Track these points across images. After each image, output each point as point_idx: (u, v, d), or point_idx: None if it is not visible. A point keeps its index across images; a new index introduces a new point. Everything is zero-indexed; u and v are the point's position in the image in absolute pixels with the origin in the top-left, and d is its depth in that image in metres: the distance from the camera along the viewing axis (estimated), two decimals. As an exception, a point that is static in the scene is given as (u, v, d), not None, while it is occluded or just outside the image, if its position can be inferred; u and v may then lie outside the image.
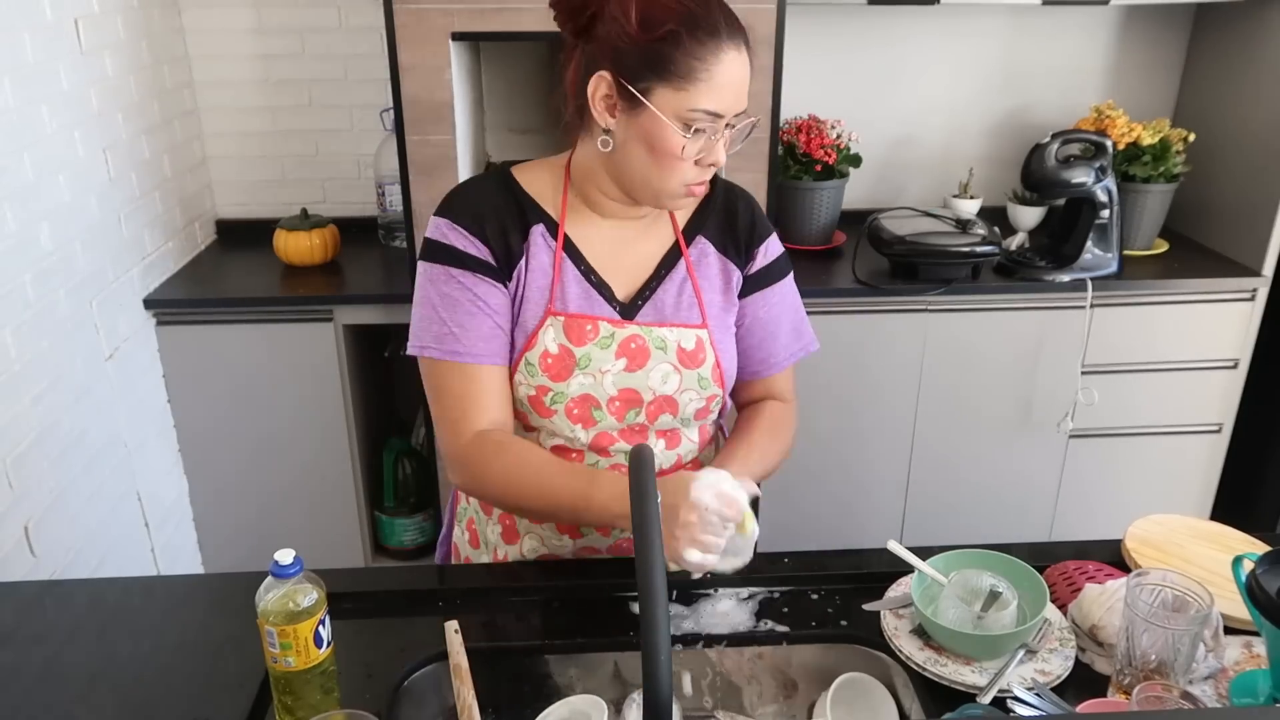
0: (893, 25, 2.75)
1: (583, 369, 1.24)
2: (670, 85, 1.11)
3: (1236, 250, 2.58)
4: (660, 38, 1.10)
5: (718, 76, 1.11)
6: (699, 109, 1.11)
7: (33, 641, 1.20)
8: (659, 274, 1.29)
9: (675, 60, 1.10)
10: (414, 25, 2.04)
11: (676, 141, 1.13)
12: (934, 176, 2.92)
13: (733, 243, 1.32)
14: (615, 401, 1.26)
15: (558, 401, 1.25)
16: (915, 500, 2.67)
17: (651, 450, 0.94)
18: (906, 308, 2.45)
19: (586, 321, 1.25)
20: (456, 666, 1.12)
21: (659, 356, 1.27)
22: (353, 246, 2.68)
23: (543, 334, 1.24)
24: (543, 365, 1.24)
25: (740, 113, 1.15)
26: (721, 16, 1.11)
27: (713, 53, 1.10)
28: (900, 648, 1.16)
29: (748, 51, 1.14)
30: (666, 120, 1.12)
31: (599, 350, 1.25)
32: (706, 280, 1.30)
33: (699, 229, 1.31)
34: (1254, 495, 2.77)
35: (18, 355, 1.90)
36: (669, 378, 1.27)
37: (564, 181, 1.27)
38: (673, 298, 1.28)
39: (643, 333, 1.26)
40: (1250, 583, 1.03)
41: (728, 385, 1.33)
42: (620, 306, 1.27)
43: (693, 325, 1.28)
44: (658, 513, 0.88)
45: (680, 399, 1.28)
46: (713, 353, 1.29)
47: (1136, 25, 2.79)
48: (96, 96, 2.19)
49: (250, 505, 2.59)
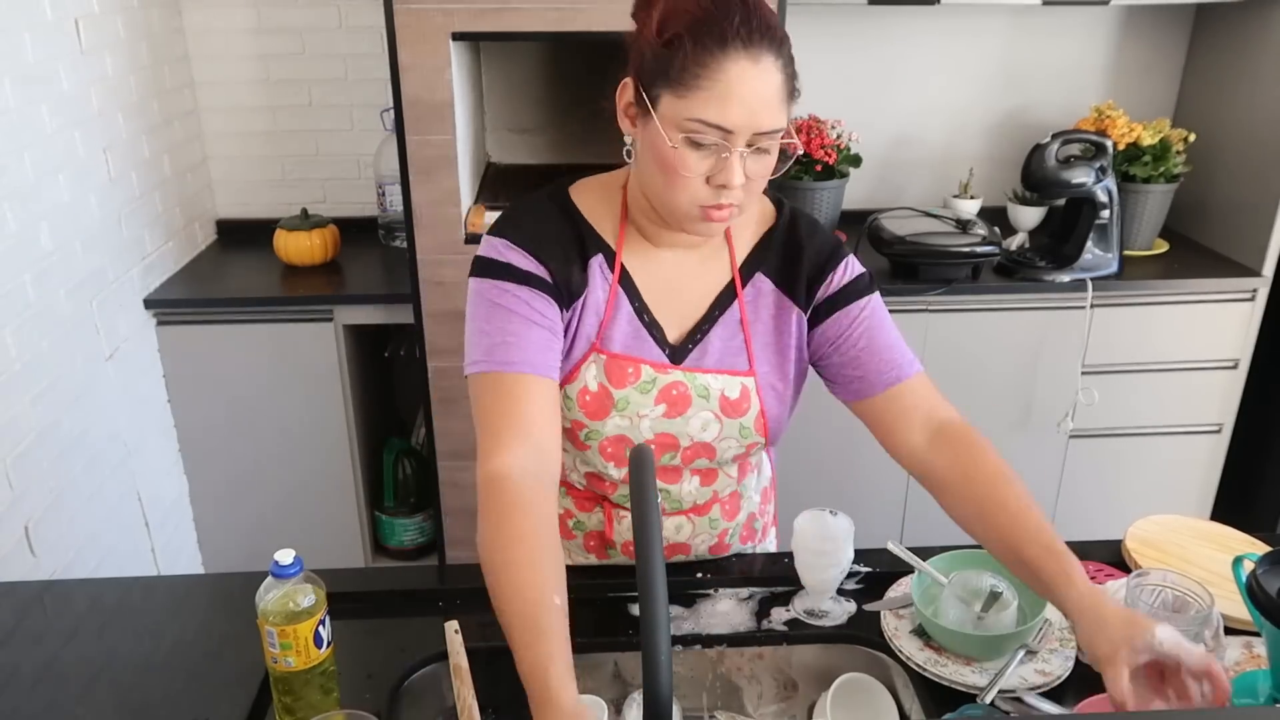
0: (893, 25, 2.75)
1: (620, 411, 1.20)
2: (674, 92, 1.04)
3: (1236, 250, 2.58)
4: (668, 42, 1.04)
5: (720, 86, 1.01)
6: (697, 119, 1.03)
7: (33, 641, 1.20)
8: (711, 315, 1.22)
9: (679, 66, 1.03)
10: (414, 25, 2.04)
11: (676, 154, 1.05)
12: (934, 176, 2.92)
13: (795, 280, 1.22)
14: (651, 445, 1.21)
15: (592, 439, 1.22)
16: (915, 500, 2.67)
17: (651, 450, 0.93)
18: (906, 308, 2.45)
19: (629, 364, 1.19)
20: (457, 667, 1.12)
21: (700, 404, 1.21)
22: (353, 246, 2.68)
23: (585, 369, 1.19)
24: (580, 401, 1.20)
25: (767, 132, 1.04)
26: (740, 24, 1.01)
27: (718, 60, 1.01)
28: (900, 648, 1.16)
29: (779, 64, 1.03)
30: (665, 129, 1.05)
31: (638, 394, 1.20)
32: (760, 323, 1.23)
33: (758, 265, 1.22)
34: (1254, 495, 2.77)
35: (18, 355, 1.90)
36: (709, 425, 1.22)
37: (621, 206, 1.20)
38: (723, 342, 1.22)
39: (686, 379, 1.20)
40: (1250, 583, 1.03)
41: (773, 434, 1.25)
42: (670, 350, 1.21)
43: (739, 373, 1.22)
44: (658, 512, 0.88)
45: (719, 446, 1.24)
46: (758, 401, 1.22)
47: (1136, 25, 2.79)
48: (96, 96, 2.19)
49: (250, 505, 2.59)
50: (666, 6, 1.06)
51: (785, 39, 1.05)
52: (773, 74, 1.03)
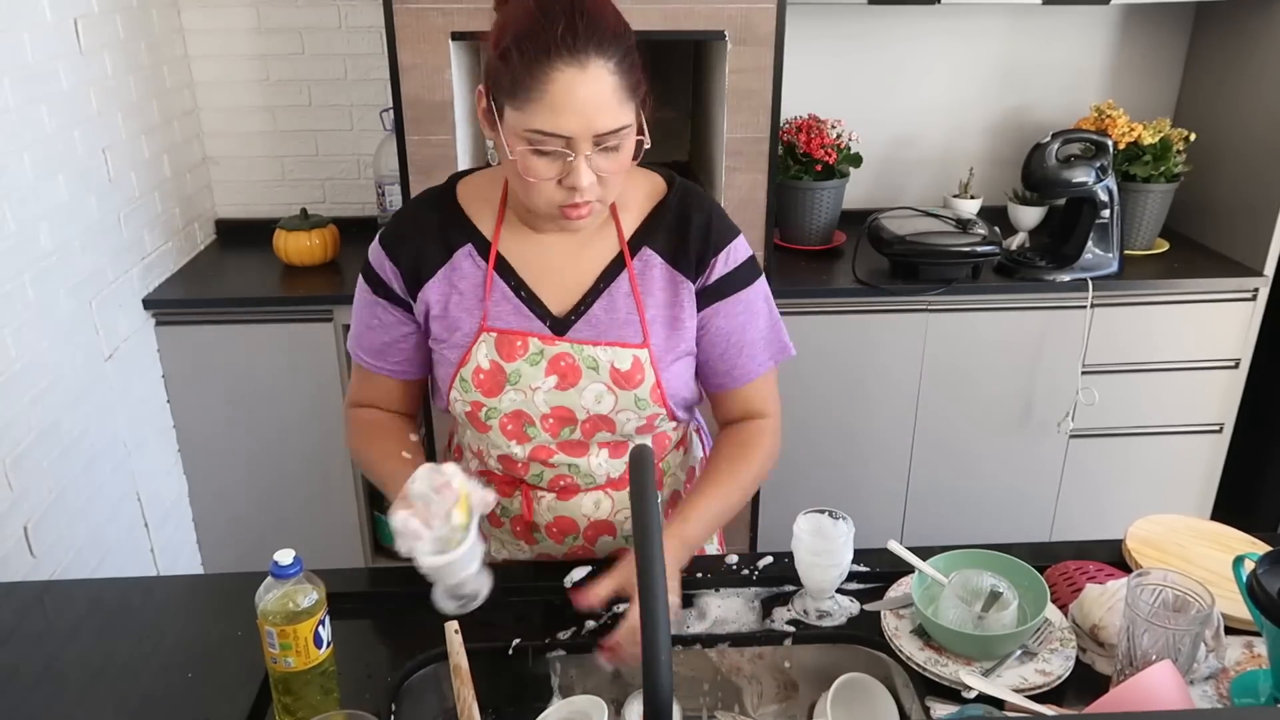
0: (893, 25, 2.75)
1: (513, 385, 1.23)
2: (511, 104, 1.06)
3: (1237, 250, 2.58)
4: (501, 54, 1.06)
5: (549, 96, 1.03)
6: (535, 129, 1.05)
7: (33, 641, 1.20)
8: (597, 288, 1.23)
9: (511, 78, 1.05)
10: (414, 25, 2.04)
11: (522, 162, 1.08)
12: (934, 176, 2.92)
13: (684, 254, 1.23)
14: (548, 419, 1.24)
15: (491, 417, 1.25)
16: (915, 500, 2.67)
17: (651, 450, 0.93)
18: (906, 308, 2.45)
19: (517, 338, 1.22)
20: (457, 667, 1.12)
21: (591, 376, 1.22)
22: (353, 246, 2.68)
23: (476, 350, 1.23)
24: (475, 380, 1.23)
25: (608, 132, 1.06)
26: (564, 31, 1.02)
27: (544, 71, 1.03)
28: (900, 648, 1.16)
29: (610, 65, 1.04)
30: (509, 139, 1.08)
31: (528, 367, 1.22)
32: (649, 295, 1.23)
33: (646, 239, 1.24)
34: (1254, 495, 2.77)
35: (18, 355, 1.90)
36: (603, 398, 1.23)
37: (502, 196, 1.24)
38: (609, 313, 1.23)
39: (573, 351, 1.22)
40: (1251, 583, 1.03)
41: (673, 405, 1.27)
42: (553, 321, 1.23)
43: (630, 344, 1.22)
44: (658, 513, 0.88)
45: (616, 418, 1.24)
46: (652, 372, 1.23)
47: (1136, 25, 2.79)
48: (96, 96, 2.19)
49: (250, 505, 2.59)
50: (501, 17, 1.09)
51: (619, 36, 1.06)
52: (603, 77, 1.04)
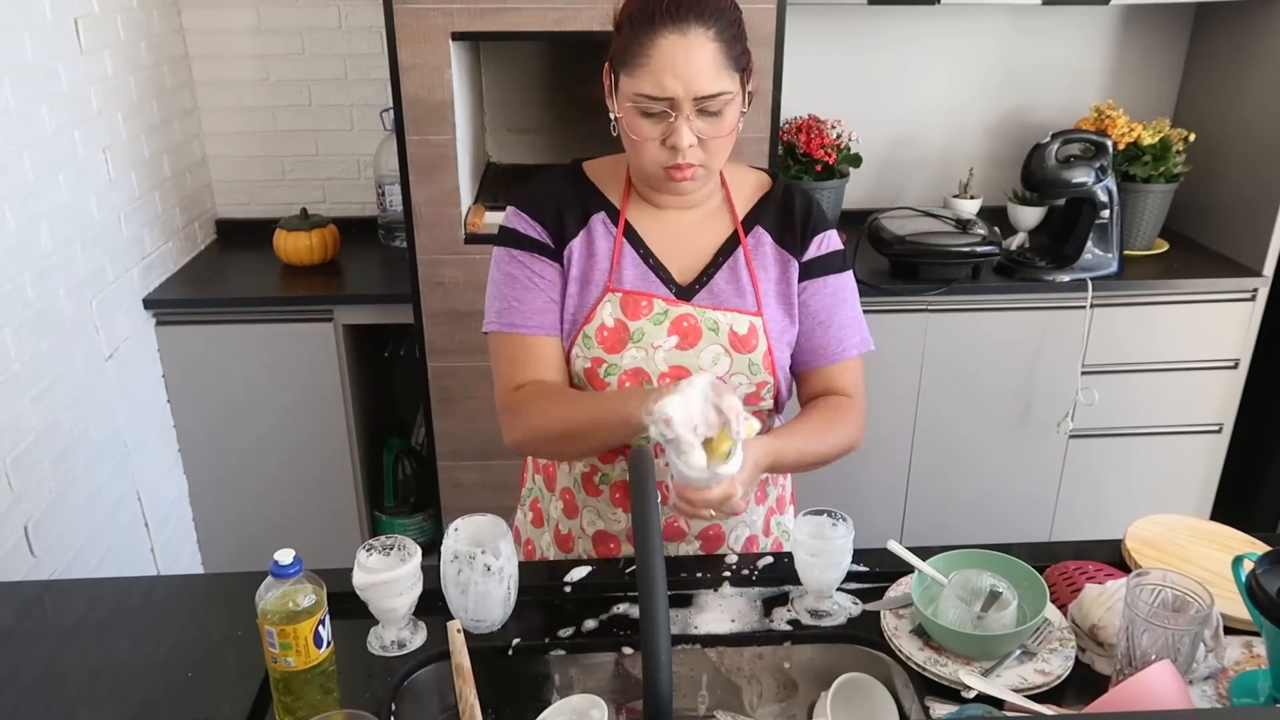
0: (893, 25, 2.75)
1: (635, 342, 1.29)
2: (624, 72, 1.19)
3: (1237, 250, 2.58)
4: (617, 29, 1.21)
5: (654, 60, 1.16)
6: (641, 93, 1.18)
7: (33, 641, 1.20)
8: (717, 261, 1.32)
9: (623, 48, 1.19)
10: (414, 25, 2.04)
11: (629, 122, 1.21)
12: (934, 176, 2.92)
13: (789, 233, 1.34)
14: (665, 378, 1.29)
15: (611, 373, 1.29)
16: (915, 500, 2.67)
17: (651, 451, 0.94)
18: (906, 308, 2.45)
19: (642, 298, 1.30)
20: (459, 666, 1.12)
21: (710, 338, 1.30)
22: (353, 246, 2.68)
23: (600, 309, 1.30)
24: (598, 338, 1.29)
25: (707, 95, 1.17)
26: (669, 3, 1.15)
27: (649, 37, 1.16)
28: (900, 648, 1.16)
29: (711, 32, 1.16)
30: (621, 104, 1.21)
31: (652, 325, 1.29)
32: (763, 270, 1.33)
33: (757, 220, 1.34)
34: (1254, 495, 2.77)
35: (18, 355, 1.90)
36: (719, 359, 1.30)
37: (626, 176, 1.34)
38: (729, 284, 1.32)
39: (696, 313, 1.30)
40: (1250, 583, 1.03)
41: (780, 374, 1.34)
42: (677, 289, 1.31)
43: (747, 312, 1.31)
44: (658, 512, 0.88)
45: (730, 381, 1.30)
46: (765, 339, 1.31)
47: (1136, 25, 2.79)
48: (96, 96, 2.19)
49: (250, 505, 2.59)
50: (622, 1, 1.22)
51: (722, 11, 1.18)
52: (703, 43, 1.16)
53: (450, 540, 1.18)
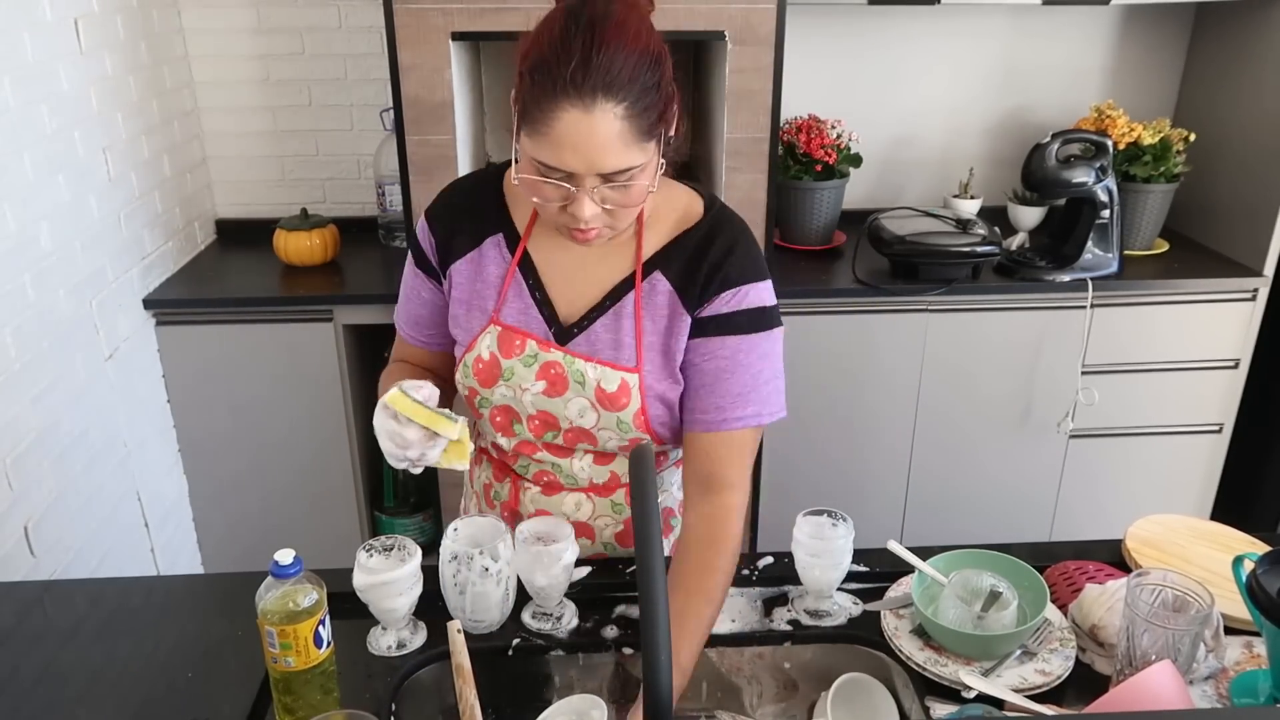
0: (893, 25, 2.75)
1: (505, 380, 1.25)
2: (524, 129, 1.06)
3: (1237, 250, 2.58)
4: (519, 75, 1.06)
5: (553, 133, 1.02)
6: (540, 160, 1.05)
7: (33, 641, 1.20)
8: (603, 304, 1.22)
9: (524, 104, 1.05)
10: (414, 25, 2.04)
11: (530, 184, 1.08)
12: (934, 176, 2.92)
13: (691, 283, 1.19)
14: (534, 419, 1.27)
15: (484, 406, 1.29)
16: (915, 500, 2.67)
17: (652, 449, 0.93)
18: (906, 308, 2.45)
19: (518, 336, 1.24)
20: (459, 666, 1.12)
21: (576, 389, 1.22)
22: (353, 246, 2.68)
23: (481, 339, 1.26)
24: (475, 368, 1.27)
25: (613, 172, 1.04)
26: (575, 70, 1.00)
27: (551, 106, 1.01)
28: (900, 648, 1.16)
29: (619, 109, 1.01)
30: (522, 161, 1.08)
31: (522, 367, 1.24)
32: (652, 320, 1.21)
33: (661, 263, 1.21)
34: (1254, 495, 2.77)
35: (18, 355, 1.90)
36: (585, 413, 1.23)
37: None
38: (609, 332, 1.21)
39: (564, 362, 1.22)
40: (1250, 583, 1.03)
41: (659, 430, 1.24)
42: (557, 329, 1.23)
43: (621, 367, 1.21)
44: (657, 511, 0.88)
45: (598, 435, 1.24)
46: (638, 399, 1.21)
47: (1136, 25, 2.79)
48: (96, 96, 2.19)
49: (250, 505, 2.59)
50: (532, 31, 1.07)
51: (634, 80, 1.02)
52: (609, 121, 1.01)
53: (449, 541, 1.18)
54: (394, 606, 1.14)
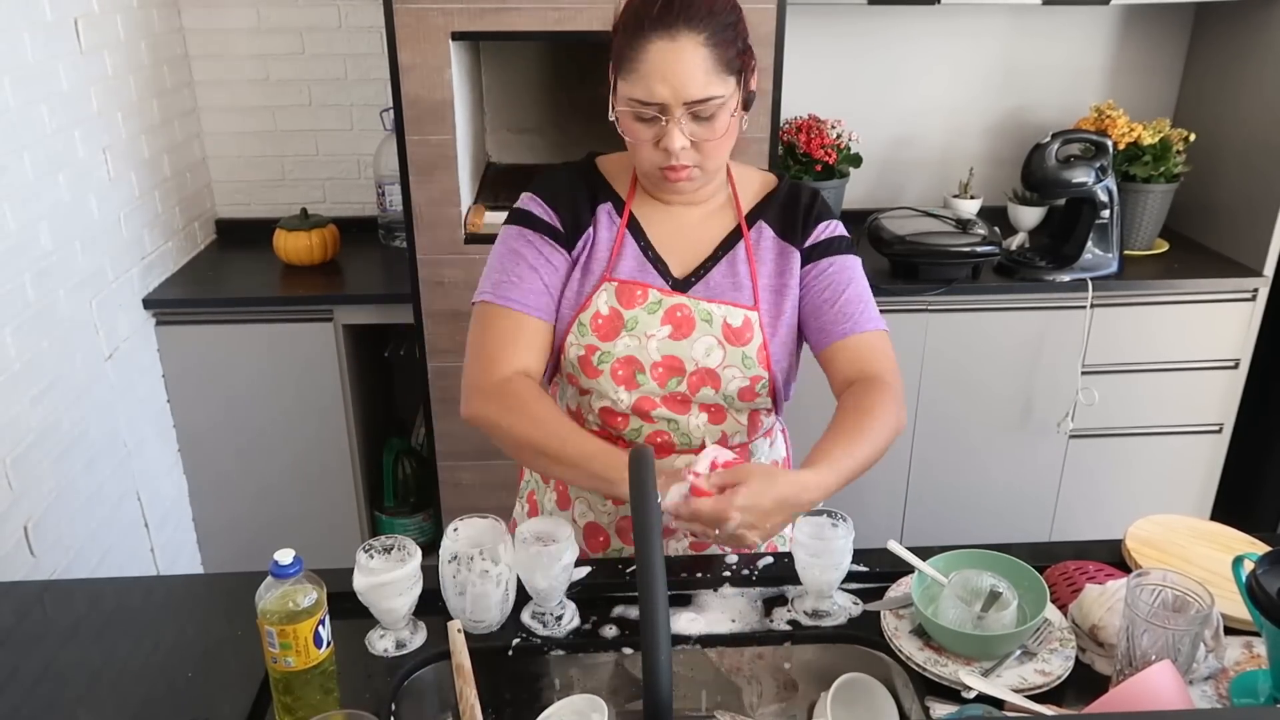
0: (893, 25, 2.75)
1: (629, 330, 1.30)
2: (620, 77, 1.21)
3: (1237, 250, 2.58)
4: (613, 34, 1.22)
5: (643, 66, 1.17)
6: (632, 98, 1.19)
7: (33, 641, 1.20)
8: (716, 255, 1.34)
9: (617, 54, 1.20)
10: (414, 25, 2.04)
11: (626, 125, 1.22)
12: (934, 176, 2.92)
13: (791, 223, 1.36)
14: (659, 367, 1.30)
15: (604, 361, 1.31)
16: (915, 500, 2.67)
17: (651, 450, 0.94)
18: (906, 308, 2.45)
19: (638, 288, 1.31)
20: (459, 666, 1.12)
21: (704, 329, 1.30)
22: (353, 246, 2.68)
23: (597, 297, 1.31)
24: (593, 325, 1.31)
25: (698, 100, 1.17)
26: (660, 10, 1.16)
27: (640, 43, 1.17)
28: (900, 648, 1.16)
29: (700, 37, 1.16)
30: (618, 111, 1.22)
31: (646, 315, 1.30)
32: (763, 264, 1.34)
33: (760, 214, 1.36)
34: (1254, 495, 2.77)
35: (18, 355, 1.90)
36: (712, 351, 1.30)
37: (634, 171, 1.34)
38: (727, 277, 1.33)
39: (690, 304, 1.31)
40: (1250, 583, 1.03)
41: (777, 369, 1.33)
42: (673, 281, 1.33)
43: (742, 305, 1.32)
44: (658, 512, 0.88)
45: (723, 374, 1.31)
46: (760, 334, 1.32)
47: (1136, 25, 2.79)
48: (96, 96, 2.19)
49: (250, 505, 2.59)
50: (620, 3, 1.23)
51: (714, 14, 1.17)
52: (693, 49, 1.16)
53: (449, 542, 1.18)
54: (394, 607, 1.14)
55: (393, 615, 1.16)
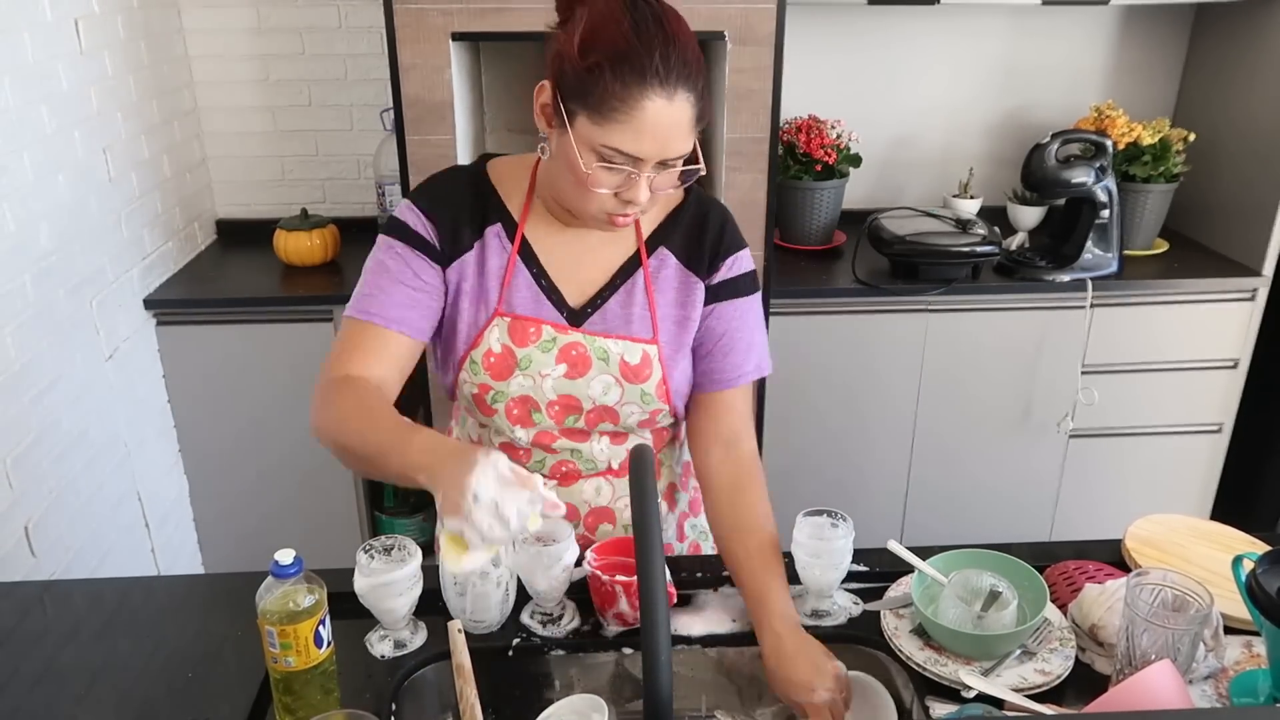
0: (893, 25, 2.75)
1: (523, 370, 1.25)
2: (590, 117, 1.08)
3: (1236, 250, 2.58)
4: (590, 67, 1.06)
5: (636, 121, 1.06)
6: (612, 147, 1.08)
7: (33, 641, 1.20)
8: (614, 283, 1.27)
9: (597, 94, 1.06)
10: (414, 25, 2.04)
11: (586, 173, 1.10)
12: (934, 176, 2.92)
13: (698, 255, 1.27)
14: (554, 405, 1.27)
15: (498, 400, 1.27)
16: (915, 500, 2.67)
17: (651, 450, 0.94)
18: (906, 308, 2.45)
19: (531, 324, 1.25)
20: (459, 666, 1.12)
21: (600, 367, 1.25)
22: (353, 246, 2.68)
23: (488, 333, 1.25)
24: (485, 364, 1.25)
25: (675, 158, 1.11)
26: (660, 61, 1.05)
27: (636, 96, 1.05)
28: (900, 648, 1.16)
29: (692, 98, 1.08)
30: (579, 148, 1.09)
31: (540, 353, 1.25)
32: (663, 294, 1.27)
33: (663, 239, 1.28)
34: (1254, 495, 2.77)
35: (18, 355, 1.90)
36: (610, 389, 1.26)
37: (530, 184, 1.26)
38: (623, 309, 1.26)
39: (585, 341, 1.25)
40: (1250, 582, 1.03)
41: (676, 402, 1.30)
42: (569, 313, 1.26)
43: (640, 339, 1.26)
44: (658, 512, 0.88)
45: (621, 410, 1.27)
46: (659, 369, 1.27)
47: (1136, 25, 2.79)
48: (96, 96, 2.19)
49: (250, 505, 2.59)
50: (590, 24, 1.08)
51: (699, 71, 1.10)
52: (685, 109, 1.09)
53: None
54: (394, 607, 1.14)
55: (393, 616, 1.16)
